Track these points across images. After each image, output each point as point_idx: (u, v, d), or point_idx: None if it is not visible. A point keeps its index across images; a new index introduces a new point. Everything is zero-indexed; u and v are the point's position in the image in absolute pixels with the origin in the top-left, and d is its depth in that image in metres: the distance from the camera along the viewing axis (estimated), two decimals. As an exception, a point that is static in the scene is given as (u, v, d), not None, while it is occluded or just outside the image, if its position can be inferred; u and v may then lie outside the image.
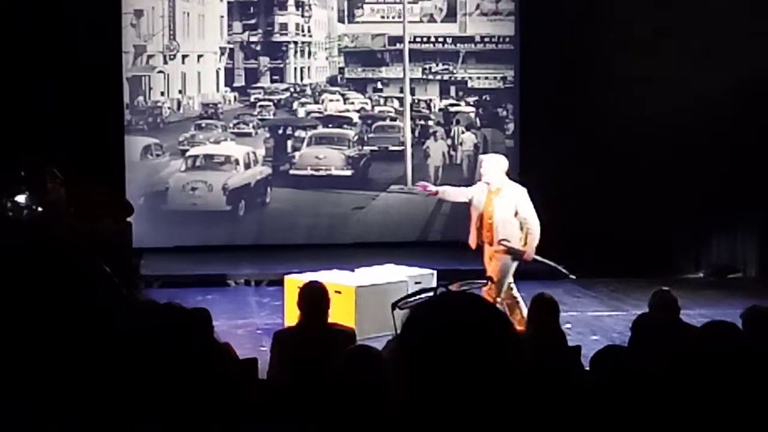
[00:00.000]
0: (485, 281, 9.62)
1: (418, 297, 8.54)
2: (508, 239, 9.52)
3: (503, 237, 9.54)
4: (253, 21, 15.50)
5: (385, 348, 5.30)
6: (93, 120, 13.26)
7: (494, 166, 9.75)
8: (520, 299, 9.60)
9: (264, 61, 15.59)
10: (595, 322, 10.83)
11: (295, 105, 15.63)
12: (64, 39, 13.19)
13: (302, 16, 15.58)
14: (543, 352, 6.26)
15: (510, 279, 9.70)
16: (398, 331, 1.93)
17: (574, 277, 9.79)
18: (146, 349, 1.87)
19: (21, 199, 12.36)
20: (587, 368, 5.48)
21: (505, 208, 9.57)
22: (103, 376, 1.70)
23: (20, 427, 1.63)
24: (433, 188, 10.52)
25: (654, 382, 4.21)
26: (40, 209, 11.89)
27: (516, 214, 9.57)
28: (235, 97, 15.42)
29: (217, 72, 15.38)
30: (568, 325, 9.75)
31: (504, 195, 9.62)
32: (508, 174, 9.84)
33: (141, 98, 15.12)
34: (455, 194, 10.39)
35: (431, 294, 8.43)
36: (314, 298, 6.57)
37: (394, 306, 6.59)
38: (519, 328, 8.84)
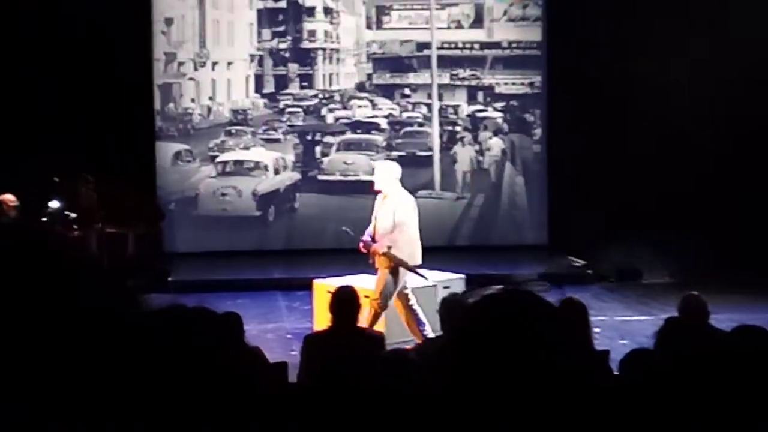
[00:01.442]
0: (545, 284, 9.42)
1: (472, 292, 8.42)
2: (392, 246, 9.18)
3: (383, 244, 9.18)
4: (282, 28, 15.60)
5: (413, 351, 5.36)
6: (124, 126, 13.41)
7: (384, 173, 9.39)
8: (417, 309, 9.23)
9: (293, 67, 15.68)
10: (624, 326, 10.81)
11: (324, 111, 15.71)
12: (96, 47, 13.34)
13: (330, 23, 15.67)
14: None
15: (406, 289, 9.30)
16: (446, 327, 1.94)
17: (427, 279, 9.42)
18: (176, 352, 1.90)
19: (54, 204, 12.52)
20: (616, 372, 5.50)
21: (386, 215, 9.30)
22: (128, 380, 1.73)
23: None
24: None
25: (682, 387, 4.23)
26: (72, 214, 12.03)
27: (395, 222, 9.22)
28: (264, 104, 15.53)
29: (247, 79, 15.50)
30: (597, 330, 9.74)
31: (388, 202, 9.33)
32: (402, 182, 9.50)
33: (171, 105, 15.26)
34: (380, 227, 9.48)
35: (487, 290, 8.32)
36: (346, 303, 6.62)
37: (444, 302, 6.60)
38: (417, 341, 8.77)
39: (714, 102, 13.68)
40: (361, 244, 9.42)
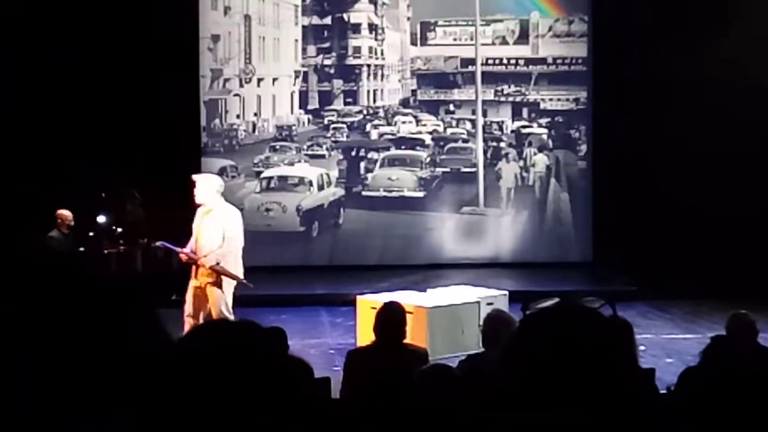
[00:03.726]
0: (601, 300, 9.30)
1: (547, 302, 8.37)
2: (218, 262, 9.12)
3: (213, 258, 9.10)
4: (327, 44, 15.69)
5: (457, 367, 5.34)
6: (171, 142, 13.53)
7: (205, 186, 9.29)
8: (200, 316, 9.08)
9: (337, 83, 15.76)
10: (669, 345, 10.70)
11: (368, 127, 15.75)
12: (144, 64, 13.50)
13: (375, 39, 15.73)
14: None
15: (228, 301, 9.24)
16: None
17: (252, 287, 9.34)
18: (221, 366, 1.91)
19: (102, 219, 12.68)
20: (662, 391, 5.45)
21: (214, 229, 9.19)
22: (176, 395, 1.73)
23: None
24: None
25: (729, 405, 4.17)
26: (119, 229, 12.17)
27: (223, 236, 9.17)
28: (309, 120, 15.62)
29: (292, 95, 15.59)
30: (642, 348, 9.65)
31: (214, 216, 9.21)
32: (223, 195, 9.43)
33: (217, 121, 15.39)
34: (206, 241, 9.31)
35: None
36: (393, 319, 6.61)
37: (489, 318, 6.60)
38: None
39: (765, 116, 13.51)
40: (183, 257, 9.32)
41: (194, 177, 9.45)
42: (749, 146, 13.64)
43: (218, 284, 9.18)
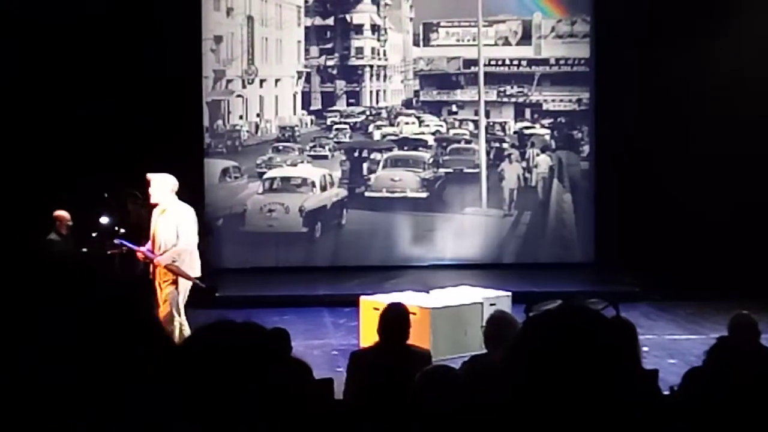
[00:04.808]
0: (604, 302, 9.30)
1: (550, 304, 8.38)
2: (174, 260, 9.12)
3: (168, 257, 9.11)
4: (329, 45, 15.70)
5: (460, 368, 5.34)
6: (174, 143, 13.53)
7: (160, 185, 9.30)
8: (185, 324, 9.11)
9: (340, 84, 15.76)
10: (673, 346, 10.70)
11: (371, 128, 15.76)
12: (146, 65, 13.50)
13: (378, 40, 15.73)
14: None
15: (180, 301, 9.21)
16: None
17: (204, 287, 9.34)
18: (224, 366, 1.90)
19: (104, 220, 12.67)
20: (665, 392, 5.44)
21: (168, 228, 9.20)
22: (177, 394, 1.73)
23: None
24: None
25: (732, 406, 4.17)
26: (122, 230, 12.16)
27: (177, 234, 9.17)
28: (311, 120, 15.62)
29: (294, 96, 15.60)
30: (645, 348, 9.64)
31: (168, 215, 9.23)
32: (178, 194, 9.39)
33: (220, 122, 15.39)
34: (162, 240, 9.31)
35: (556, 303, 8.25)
36: (396, 320, 6.61)
37: (492, 319, 6.60)
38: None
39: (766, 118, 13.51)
40: (140, 255, 9.39)
41: (149, 176, 9.43)
42: (753, 146, 13.63)
43: (174, 282, 9.22)
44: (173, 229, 9.21)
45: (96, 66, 13.49)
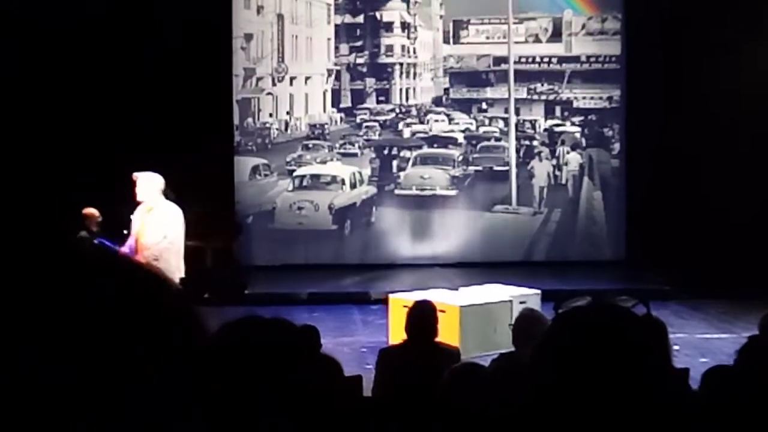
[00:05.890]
0: (634, 300, 9.25)
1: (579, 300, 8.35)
2: (156, 259, 8.93)
3: (150, 256, 8.96)
4: (359, 43, 15.71)
5: (489, 366, 5.33)
6: (204, 141, 13.60)
7: (147, 184, 9.23)
8: None
9: (370, 82, 15.78)
10: (704, 345, 10.62)
11: (401, 125, 15.76)
12: (177, 63, 13.57)
13: (408, 37, 15.73)
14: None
15: None
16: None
17: (180, 287, 9.17)
18: (254, 363, 1.91)
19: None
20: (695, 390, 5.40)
21: (155, 228, 9.12)
22: (206, 389, 1.73)
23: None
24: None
25: (760, 408, 4.14)
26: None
27: (165, 234, 9.09)
28: (341, 118, 15.64)
29: (324, 93, 15.63)
30: (676, 347, 9.58)
31: (155, 214, 9.16)
32: (165, 193, 9.32)
33: (250, 120, 15.45)
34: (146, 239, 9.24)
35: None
36: (424, 317, 6.61)
37: (521, 317, 6.60)
38: None
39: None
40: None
41: (135, 175, 9.38)
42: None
43: None
44: (160, 228, 9.15)
45: (129, 63, 13.55)
